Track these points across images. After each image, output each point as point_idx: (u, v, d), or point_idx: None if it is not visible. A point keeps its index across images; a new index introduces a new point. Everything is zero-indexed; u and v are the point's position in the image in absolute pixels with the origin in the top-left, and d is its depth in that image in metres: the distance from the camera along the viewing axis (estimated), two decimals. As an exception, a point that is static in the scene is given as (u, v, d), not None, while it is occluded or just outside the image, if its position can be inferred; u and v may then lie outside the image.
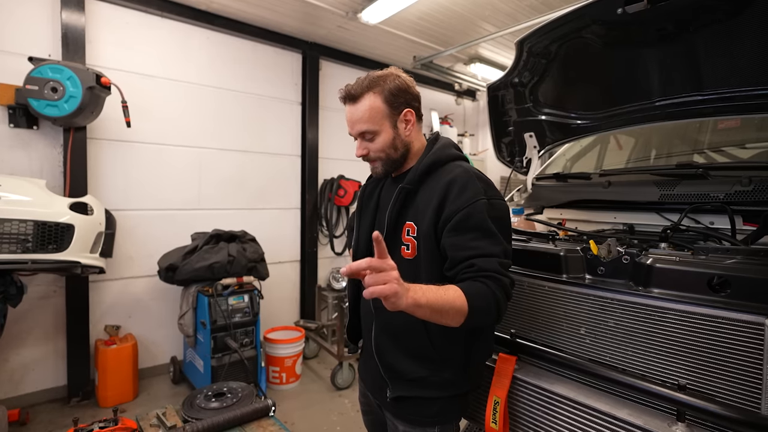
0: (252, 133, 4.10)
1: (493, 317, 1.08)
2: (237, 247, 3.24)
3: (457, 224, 1.12)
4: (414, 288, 0.95)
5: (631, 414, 1.05)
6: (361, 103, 1.22)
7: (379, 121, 1.22)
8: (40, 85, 2.65)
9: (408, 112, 1.25)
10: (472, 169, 1.22)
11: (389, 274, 0.90)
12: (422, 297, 0.95)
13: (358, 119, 1.23)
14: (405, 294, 0.91)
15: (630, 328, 1.15)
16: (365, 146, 1.26)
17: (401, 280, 0.92)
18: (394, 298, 0.89)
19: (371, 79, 1.23)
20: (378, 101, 1.21)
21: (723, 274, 1.03)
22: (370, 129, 1.23)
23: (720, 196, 1.41)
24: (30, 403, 3.01)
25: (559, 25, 1.67)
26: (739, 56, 1.44)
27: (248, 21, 3.89)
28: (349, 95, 1.24)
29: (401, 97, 1.23)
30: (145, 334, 3.50)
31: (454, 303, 1.00)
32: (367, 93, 1.22)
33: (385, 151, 1.25)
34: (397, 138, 1.25)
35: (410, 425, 1.25)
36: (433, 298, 0.97)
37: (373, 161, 1.29)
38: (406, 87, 1.25)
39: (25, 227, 2.34)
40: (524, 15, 3.69)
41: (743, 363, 0.96)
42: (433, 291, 0.99)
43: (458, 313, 1.01)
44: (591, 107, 1.94)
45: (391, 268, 0.91)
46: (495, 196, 1.18)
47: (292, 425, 2.92)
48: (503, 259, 1.11)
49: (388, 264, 0.91)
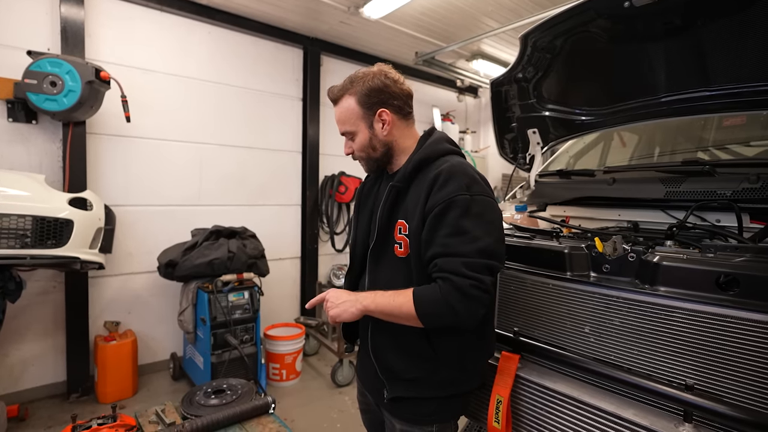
0: (252, 129, 4.07)
1: (450, 320, 1.07)
2: (237, 244, 3.22)
3: (432, 219, 1.11)
4: (365, 296, 1.17)
5: (636, 414, 1.03)
6: (340, 105, 1.28)
7: (354, 122, 1.26)
8: (38, 79, 2.62)
9: (382, 112, 1.24)
10: (461, 164, 1.19)
11: (327, 302, 1.21)
12: (371, 303, 1.15)
13: (338, 120, 1.30)
14: (353, 305, 1.16)
15: (636, 326, 1.13)
16: (349, 145, 1.32)
17: (344, 297, 1.18)
18: (337, 317, 1.17)
19: (349, 80, 1.27)
20: (352, 103, 1.25)
21: (731, 272, 1.00)
22: (348, 130, 1.28)
23: (727, 193, 1.39)
24: (29, 399, 3.00)
25: (565, 19, 1.65)
26: (748, 51, 1.41)
27: (250, 16, 3.87)
28: (330, 98, 1.31)
29: (375, 97, 1.24)
30: (145, 330, 3.49)
31: (401, 308, 1.11)
32: (343, 95, 1.27)
33: (364, 150, 1.29)
34: (374, 138, 1.27)
35: (407, 424, 1.24)
36: (382, 304, 1.14)
37: (359, 159, 1.34)
38: (382, 87, 1.24)
39: (23, 222, 2.32)
40: (527, 10, 3.66)
41: (752, 363, 0.94)
42: (385, 297, 1.14)
43: (408, 317, 1.11)
44: (596, 103, 1.91)
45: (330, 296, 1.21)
46: (479, 192, 1.13)
47: (292, 422, 2.91)
48: (472, 259, 1.06)
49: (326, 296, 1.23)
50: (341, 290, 1.22)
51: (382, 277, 1.25)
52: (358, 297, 1.17)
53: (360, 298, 1.16)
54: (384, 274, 1.25)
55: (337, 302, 1.17)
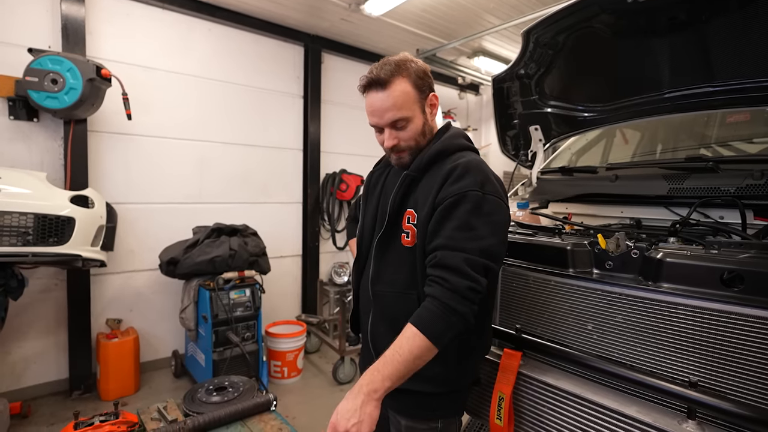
0: (254, 127, 4.07)
1: (460, 325, 1.04)
2: (238, 241, 3.22)
3: (442, 210, 1.09)
4: (369, 381, 0.98)
5: (640, 411, 1.03)
6: (392, 89, 1.14)
7: (411, 107, 1.16)
8: (40, 77, 2.62)
9: (433, 96, 1.22)
10: (478, 161, 1.18)
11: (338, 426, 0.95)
12: (386, 380, 0.98)
13: (390, 106, 1.14)
14: (365, 406, 0.95)
15: (639, 323, 1.13)
16: (396, 135, 1.18)
17: (350, 408, 0.96)
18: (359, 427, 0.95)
19: (396, 62, 1.15)
20: (408, 86, 1.15)
21: (736, 268, 1.00)
22: (404, 116, 1.16)
23: (731, 189, 1.38)
24: (32, 396, 3.01)
25: (567, 14, 1.63)
26: (752, 46, 1.40)
27: (251, 13, 3.86)
28: (377, 80, 1.14)
29: (426, 80, 1.20)
30: (147, 327, 3.50)
31: (413, 350, 0.99)
32: (396, 77, 1.14)
33: (415, 138, 1.20)
34: (426, 124, 1.22)
35: (412, 420, 1.23)
36: (392, 370, 0.99)
37: (401, 151, 1.21)
38: (427, 70, 1.21)
39: (25, 220, 2.32)
40: (529, 7, 3.64)
41: (756, 359, 0.94)
42: (387, 358, 1.00)
43: (422, 351, 1.00)
44: (598, 99, 1.90)
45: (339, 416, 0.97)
46: (492, 191, 1.11)
47: (294, 419, 2.92)
48: (475, 257, 1.04)
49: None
50: (342, 404, 0.99)
51: (387, 267, 1.23)
52: (361, 388, 0.98)
53: (366, 388, 0.97)
54: (389, 264, 1.23)
55: (347, 417, 0.95)
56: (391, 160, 1.27)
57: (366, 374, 1.00)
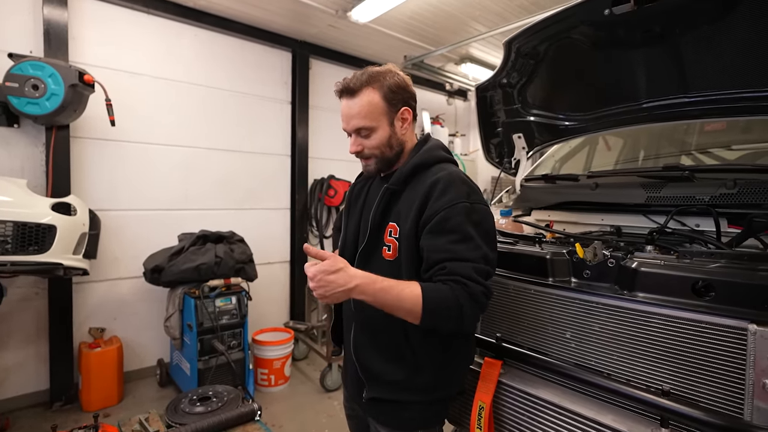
0: (241, 133, 4.05)
1: (454, 322, 1.06)
2: (224, 248, 3.19)
3: (435, 226, 1.11)
4: (362, 277, 1.04)
5: (615, 419, 1.04)
6: (359, 98, 1.19)
7: (376, 118, 1.20)
8: (20, 83, 2.58)
9: (405, 111, 1.23)
10: (458, 172, 1.20)
11: (315, 277, 1.02)
12: (368, 287, 1.04)
13: (355, 114, 1.20)
14: (343, 286, 1.01)
15: (615, 332, 1.15)
16: (360, 143, 1.23)
17: (336, 276, 1.01)
18: (322, 299, 1.03)
19: (370, 74, 1.20)
20: (377, 97, 1.19)
21: (707, 278, 1.02)
22: (367, 125, 1.20)
23: (705, 198, 1.41)
24: (10, 409, 2.93)
25: (547, 25, 1.66)
26: (725, 59, 1.44)
27: (237, 18, 3.84)
28: (346, 89, 1.20)
29: (400, 94, 1.21)
30: (131, 336, 3.44)
31: (402, 297, 1.04)
32: (365, 88, 1.18)
33: (380, 148, 1.23)
34: (393, 136, 1.23)
35: (391, 430, 1.23)
36: (379, 290, 1.04)
37: (367, 158, 1.26)
38: (404, 85, 1.23)
39: (4, 228, 2.28)
40: (514, 15, 3.69)
41: (726, 368, 0.96)
42: (385, 283, 1.05)
43: (408, 310, 1.05)
44: (579, 108, 1.94)
45: (329, 266, 1.02)
46: (478, 200, 1.15)
47: (281, 428, 2.89)
48: (479, 265, 1.08)
49: (325, 264, 1.03)
50: (338, 261, 1.04)
51: None
52: (354, 276, 1.03)
53: (355, 278, 1.03)
54: None
55: (327, 279, 1.01)
56: (361, 165, 1.31)
57: (365, 274, 1.06)
